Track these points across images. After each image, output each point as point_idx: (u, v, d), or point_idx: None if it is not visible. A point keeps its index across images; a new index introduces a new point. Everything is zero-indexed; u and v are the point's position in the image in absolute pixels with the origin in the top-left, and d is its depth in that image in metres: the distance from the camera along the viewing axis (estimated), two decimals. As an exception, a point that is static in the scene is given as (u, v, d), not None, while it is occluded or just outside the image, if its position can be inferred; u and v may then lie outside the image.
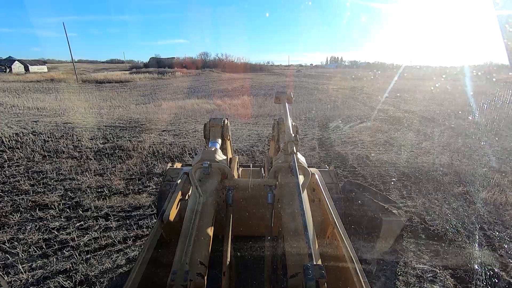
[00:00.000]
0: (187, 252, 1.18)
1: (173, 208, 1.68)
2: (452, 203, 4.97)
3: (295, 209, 1.42)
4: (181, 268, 1.11)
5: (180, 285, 1.04)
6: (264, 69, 73.92)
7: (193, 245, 1.23)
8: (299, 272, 1.10)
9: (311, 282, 0.94)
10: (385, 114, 14.03)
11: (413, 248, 3.73)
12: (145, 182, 5.68)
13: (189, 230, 1.30)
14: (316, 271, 0.97)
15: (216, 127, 2.61)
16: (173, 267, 1.16)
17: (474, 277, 3.22)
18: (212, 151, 1.88)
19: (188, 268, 1.12)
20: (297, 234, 1.31)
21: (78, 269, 3.25)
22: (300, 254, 1.19)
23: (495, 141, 9.18)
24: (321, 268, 0.98)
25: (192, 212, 1.45)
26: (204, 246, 1.33)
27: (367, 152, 7.82)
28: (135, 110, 15.84)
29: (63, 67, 69.11)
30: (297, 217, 1.36)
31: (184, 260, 1.15)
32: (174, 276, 1.07)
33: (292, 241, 1.30)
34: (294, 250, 1.25)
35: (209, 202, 1.54)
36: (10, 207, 4.59)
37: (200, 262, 1.22)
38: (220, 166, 1.77)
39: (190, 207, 1.53)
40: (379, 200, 4.49)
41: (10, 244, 3.68)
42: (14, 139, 8.47)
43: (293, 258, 1.21)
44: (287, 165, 1.71)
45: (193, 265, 1.18)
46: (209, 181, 1.66)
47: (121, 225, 4.16)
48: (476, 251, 3.70)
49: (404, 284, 3.12)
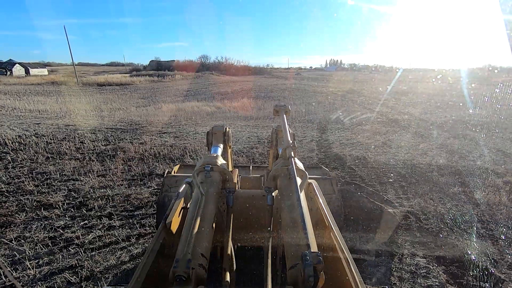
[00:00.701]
0: (189, 244, 1.24)
1: (176, 215, 1.73)
2: (447, 203, 5.09)
3: (294, 205, 1.48)
4: (184, 257, 1.17)
5: (183, 272, 1.09)
6: (264, 72, 74.22)
7: (195, 238, 1.30)
8: (297, 263, 1.13)
9: (309, 268, 1.00)
10: (383, 116, 14.19)
11: (408, 246, 3.85)
12: (147, 182, 5.80)
13: (191, 224, 1.38)
14: (314, 257, 1.02)
15: (218, 133, 2.77)
16: (176, 256, 1.20)
17: (463, 267, 3.33)
18: (214, 157, 1.98)
19: (190, 257, 1.18)
20: (295, 226, 1.36)
21: (84, 265, 3.36)
22: (298, 244, 1.24)
23: (490, 143, 9.33)
24: (318, 255, 1.03)
25: (194, 207, 1.52)
26: (205, 239, 1.38)
27: (365, 153, 7.95)
28: (135, 112, 15.97)
29: (63, 70, 69.41)
30: (295, 212, 1.42)
31: (187, 250, 1.21)
32: (177, 264, 1.12)
33: (290, 233, 1.36)
34: (293, 241, 1.30)
35: (211, 200, 1.62)
36: (16, 207, 4.70)
37: (202, 255, 1.27)
38: (221, 169, 1.85)
39: (193, 204, 1.60)
40: (375, 199, 4.62)
41: (17, 241, 3.79)
42: (17, 141, 8.59)
43: (292, 249, 1.26)
44: (285, 169, 1.78)
45: (195, 257, 1.22)
46: (211, 184, 1.74)
47: (124, 224, 4.28)
48: (468, 246, 3.82)
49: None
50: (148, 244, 1.41)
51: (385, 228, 4.14)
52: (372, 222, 4.24)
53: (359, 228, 4.08)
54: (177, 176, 3.24)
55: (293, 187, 1.52)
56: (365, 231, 4.04)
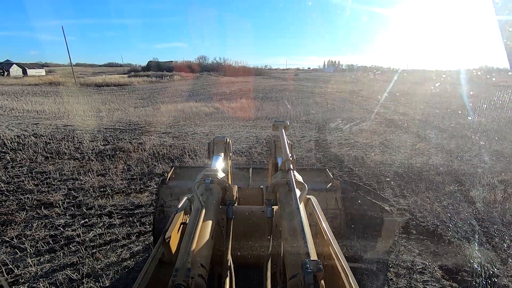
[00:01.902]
0: (189, 253, 1.24)
1: (175, 229, 1.73)
2: (443, 201, 5.17)
3: (293, 214, 1.48)
4: (183, 266, 1.16)
5: (183, 281, 1.09)
6: (262, 73, 74.41)
7: (195, 248, 1.29)
8: (297, 273, 1.13)
9: (309, 276, 1.00)
10: (381, 117, 14.30)
11: (404, 243, 3.92)
12: (146, 182, 5.84)
13: (191, 234, 1.37)
14: (314, 265, 1.02)
15: (219, 144, 2.83)
16: (176, 265, 1.20)
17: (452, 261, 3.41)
18: (214, 170, 2.06)
19: (190, 266, 1.18)
20: (295, 235, 1.36)
21: (85, 262, 3.40)
22: (298, 253, 1.23)
23: (486, 143, 9.44)
24: (318, 263, 1.03)
25: (195, 218, 1.52)
26: (205, 250, 1.39)
27: (362, 153, 8.03)
28: (134, 113, 15.98)
29: (61, 71, 69.13)
30: (295, 221, 1.43)
31: (186, 259, 1.20)
32: (177, 273, 1.12)
33: (290, 242, 1.36)
34: (293, 250, 1.31)
35: (211, 212, 1.64)
36: (16, 206, 4.73)
37: (201, 265, 1.27)
38: (221, 182, 1.89)
39: (193, 215, 1.62)
40: (372, 197, 4.69)
41: (18, 240, 3.82)
42: (16, 141, 8.59)
43: (292, 258, 1.26)
44: (285, 182, 1.82)
45: (195, 266, 1.22)
46: (211, 196, 1.77)
47: (124, 222, 4.31)
48: (463, 243, 3.90)
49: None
50: (147, 259, 1.41)
51: (382, 224, 4.21)
52: (369, 219, 4.31)
53: (356, 226, 4.14)
54: (172, 187, 3.07)
55: (293, 199, 1.55)
56: (364, 227, 4.11)
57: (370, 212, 4.55)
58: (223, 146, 2.85)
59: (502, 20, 1.88)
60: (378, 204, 4.80)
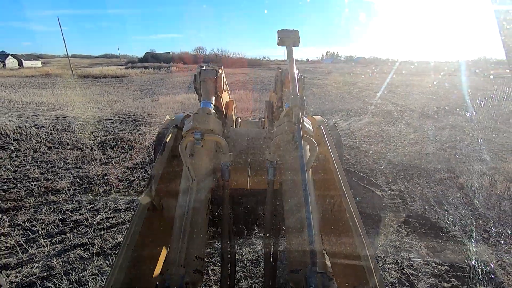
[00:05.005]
0: (181, 251, 1.14)
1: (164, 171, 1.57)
2: (433, 187, 5.42)
3: (298, 198, 1.29)
4: (177, 271, 1.08)
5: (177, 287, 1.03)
6: (261, 64, 73.95)
7: (188, 240, 1.19)
8: (300, 269, 1.03)
9: None
10: (378, 108, 14.48)
11: (393, 225, 4.17)
12: (149, 170, 6.04)
13: (183, 224, 1.24)
14: (318, 279, 0.89)
15: (208, 82, 2.09)
16: (168, 267, 1.11)
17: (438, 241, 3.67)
18: (205, 116, 1.61)
19: (183, 272, 1.09)
20: (299, 226, 1.20)
21: (94, 243, 3.62)
22: (302, 250, 1.10)
23: (480, 133, 9.68)
24: (324, 277, 0.90)
25: (185, 201, 1.35)
26: (200, 239, 1.26)
27: (358, 143, 8.25)
28: (132, 104, 16.05)
29: (56, 62, 68.41)
30: (300, 208, 1.25)
31: (179, 262, 1.11)
32: (171, 277, 1.06)
33: (293, 235, 1.21)
34: (296, 244, 1.16)
35: (204, 184, 1.46)
36: (24, 192, 4.93)
37: (196, 257, 1.18)
38: (215, 138, 1.58)
39: (183, 192, 1.42)
40: (364, 183, 4.93)
41: (29, 223, 4.04)
42: (18, 132, 8.73)
43: (295, 254, 1.14)
44: (290, 137, 1.51)
45: (189, 262, 1.14)
46: (202, 159, 1.53)
47: (129, 207, 4.54)
48: (449, 225, 4.16)
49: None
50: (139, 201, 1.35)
51: (373, 207, 4.46)
52: (361, 204, 4.55)
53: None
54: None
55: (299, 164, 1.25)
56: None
57: (361, 196, 4.79)
58: (214, 84, 2.10)
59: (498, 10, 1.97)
60: (371, 189, 5.04)
